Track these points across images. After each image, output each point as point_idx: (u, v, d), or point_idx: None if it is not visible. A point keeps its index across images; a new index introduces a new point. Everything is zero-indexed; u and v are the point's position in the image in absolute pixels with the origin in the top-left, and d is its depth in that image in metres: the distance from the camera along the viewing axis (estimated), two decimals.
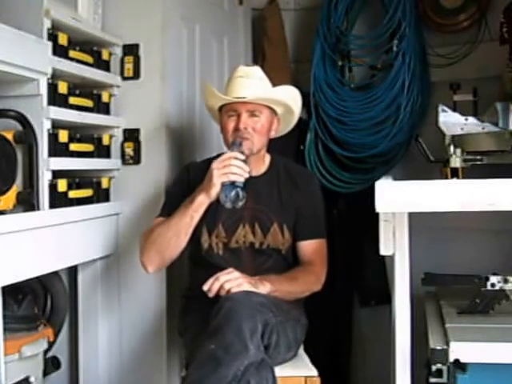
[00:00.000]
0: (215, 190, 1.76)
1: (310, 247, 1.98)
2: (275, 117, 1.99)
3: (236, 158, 1.78)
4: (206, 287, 1.71)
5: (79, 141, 1.98)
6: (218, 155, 2.02)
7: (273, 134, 2.01)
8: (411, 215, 1.62)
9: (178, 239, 1.84)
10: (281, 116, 2.01)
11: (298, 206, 1.99)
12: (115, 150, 2.17)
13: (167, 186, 2.16)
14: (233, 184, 1.74)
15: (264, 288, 1.75)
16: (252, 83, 1.94)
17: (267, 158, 2.05)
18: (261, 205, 1.95)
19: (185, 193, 1.90)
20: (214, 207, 1.88)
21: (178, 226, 1.84)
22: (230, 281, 1.70)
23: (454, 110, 2.11)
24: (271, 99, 1.93)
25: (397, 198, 1.46)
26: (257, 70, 2.00)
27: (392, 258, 1.66)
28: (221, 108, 1.96)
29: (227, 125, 1.92)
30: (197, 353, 1.62)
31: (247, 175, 1.77)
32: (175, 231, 1.84)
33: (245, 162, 1.78)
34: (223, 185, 1.75)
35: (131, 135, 2.16)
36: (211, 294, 1.70)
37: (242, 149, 1.83)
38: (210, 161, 1.88)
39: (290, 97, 1.98)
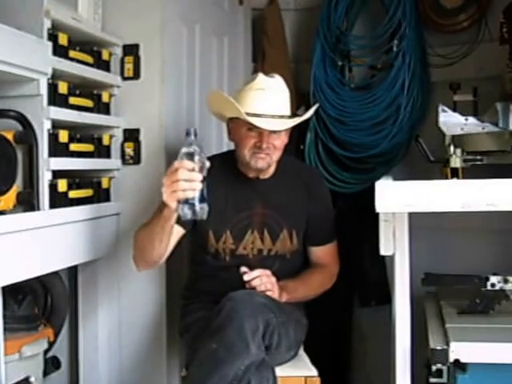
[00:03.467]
0: (172, 210, 1.61)
1: (324, 251, 2.04)
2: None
3: (183, 169, 1.55)
4: (247, 278, 1.76)
5: (79, 141, 1.97)
6: (229, 151, 2.02)
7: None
8: (411, 215, 1.62)
9: (153, 248, 1.77)
10: None
11: (311, 211, 1.98)
12: (115, 150, 2.16)
13: None
14: (187, 201, 1.57)
15: (283, 299, 1.83)
16: (276, 101, 1.81)
17: None
18: (270, 209, 1.92)
19: None
20: (221, 211, 1.88)
21: (151, 236, 1.75)
22: (268, 283, 1.78)
23: (454, 110, 2.11)
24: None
25: (397, 198, 1.46)
26: (278, 83, 1.85)
27: (392, 258, 1.66)
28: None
29: (246, 140, 1.82)
30: (198, 352, 1.63)
31: (200, 186, 1.55)
32: (149, 239, 1.76)
33: (201, 164, 1.58)
34: (179, 202, 1.58)
35: (131, 135, 2.16)
36: (248, 286, 1.76)
37: (190, 139, 1.58)
38: (216, 157, 1.89)
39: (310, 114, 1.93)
